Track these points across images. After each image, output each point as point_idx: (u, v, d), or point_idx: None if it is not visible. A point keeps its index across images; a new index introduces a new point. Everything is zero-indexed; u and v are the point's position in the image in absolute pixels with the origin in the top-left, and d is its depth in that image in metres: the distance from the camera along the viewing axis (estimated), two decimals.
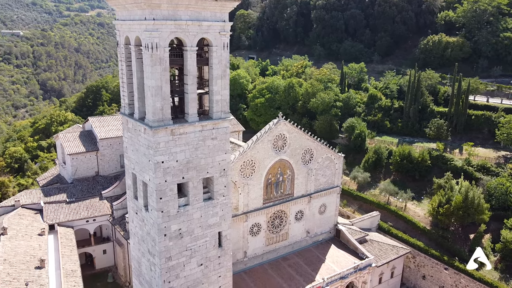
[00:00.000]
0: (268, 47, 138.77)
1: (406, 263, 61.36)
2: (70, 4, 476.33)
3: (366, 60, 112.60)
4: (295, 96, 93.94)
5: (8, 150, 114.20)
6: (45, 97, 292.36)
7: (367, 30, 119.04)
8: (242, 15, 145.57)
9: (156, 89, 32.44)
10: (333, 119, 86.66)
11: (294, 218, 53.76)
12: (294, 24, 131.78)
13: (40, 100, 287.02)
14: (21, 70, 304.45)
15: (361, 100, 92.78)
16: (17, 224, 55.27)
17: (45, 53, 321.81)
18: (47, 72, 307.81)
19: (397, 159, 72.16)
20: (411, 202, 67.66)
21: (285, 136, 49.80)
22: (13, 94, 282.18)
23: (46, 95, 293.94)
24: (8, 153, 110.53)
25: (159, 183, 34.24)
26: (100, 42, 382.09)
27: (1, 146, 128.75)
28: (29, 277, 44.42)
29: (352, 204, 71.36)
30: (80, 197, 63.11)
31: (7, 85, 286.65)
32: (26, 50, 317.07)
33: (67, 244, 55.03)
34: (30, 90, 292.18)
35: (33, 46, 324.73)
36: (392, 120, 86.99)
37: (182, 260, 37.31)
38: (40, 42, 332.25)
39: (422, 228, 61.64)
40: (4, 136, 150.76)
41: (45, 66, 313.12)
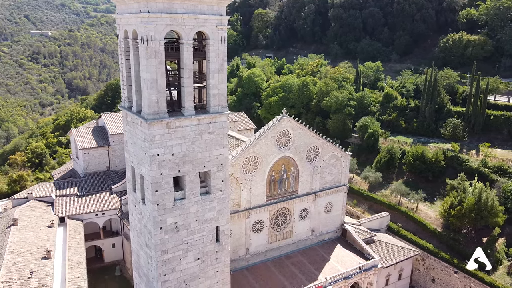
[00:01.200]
0: (285, 46, 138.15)
1: (416, 265, 59.77)
2: (97, 6, 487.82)
3: (384, 59, 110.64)
4: (309, 95, 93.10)
5: (29, 145, 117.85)
6: (71, 95, 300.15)
7: (385, 29, 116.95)
8: (260, 14, 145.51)
9: (151, 82, 32.61)
10: (347, 118, 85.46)
11: (299, 216, 53.17)
12: (311, 23, 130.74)
13: (66, 99, 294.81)
14: (48, 69, 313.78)
15: (376, 100, 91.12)
16: (28, 216, 56.72)
17: (71, 52, 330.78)
18: (73, 72, 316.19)
19: (410, 159, 70.48)
20: (423, 204, 65.90)
21: (289, 132, 49.31)
22: (41, 93, 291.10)
23: (71, 93, 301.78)
24: (30, 148, 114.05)
25: (155, 176, 34.40)
26: None
27: (24, 141, 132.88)
28: (35, 267, 45.43)
29: (362, 204, 70.08)
30: (90, 191, 64.29)
31: (35, 84, 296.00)
32: (53, 50, 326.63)
33: (75, 236, 56.11)
34: (56, 88, 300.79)
35: (60, 46, 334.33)
36: (407, 120, 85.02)
37: (178, 254, 37.35)
38: (67, 42, 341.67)
39: (432, 230, 59.93)
40: (28, 132, 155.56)
41: (71, 65, 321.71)
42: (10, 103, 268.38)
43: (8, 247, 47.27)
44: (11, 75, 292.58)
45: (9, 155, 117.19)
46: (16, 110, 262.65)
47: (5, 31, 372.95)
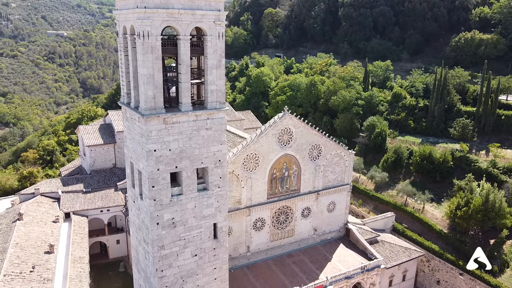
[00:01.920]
0: (295, 45, 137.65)
1: (421, 266, 58.82)
2: (112, 6, 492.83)
3: (394, 59, 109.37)
4: (317, 94, 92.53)
5: (41, 143, 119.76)
6: (85, 94, 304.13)
7: (396, 28, 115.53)
8: (270, 14, 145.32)
9: (148, 77, 32.73)
10: (354, 118, 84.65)
11: (301, 214, 52.78)
12: (321, 22, 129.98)
13: (80, 98, 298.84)
14: (63, 69, 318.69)
15: (384, 99, 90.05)
16: (34, 211, 57.49)
17: (86, 52, 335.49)
18: (88, 71, 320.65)
19: (417, 159, 69.41)
20: (429, 204, 64.83)
21: (291, 130, 48.98)
22: (56, 92, 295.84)
23: (85, 93, 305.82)
24: (42, 146, 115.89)
25: (151, 171, 34.51)
26: None
27: (37, 139, 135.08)
28: (37, 261, 45.98)
29: (367, 204, 69.27)
30: (96, 188, 64.91)
31: (50, 83, 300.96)
32: (68, 50, 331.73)
33: (79, 232, 56.67)
34: (71, 88, 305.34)
35: (76, 46, 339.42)
36: (416, 120, 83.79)
37: (175, 250, 37.40)
38: (82, 42, 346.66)
39: (438, 231, 58.89)
40: (41, 130, 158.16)
41: (86, 65, 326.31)
42: (26, 102, 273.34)
43: (12, 241, 47.95)
44: (27, 75, 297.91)
45: (22, 152, 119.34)
46: (31, 109, 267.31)
47: (23, 31, 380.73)
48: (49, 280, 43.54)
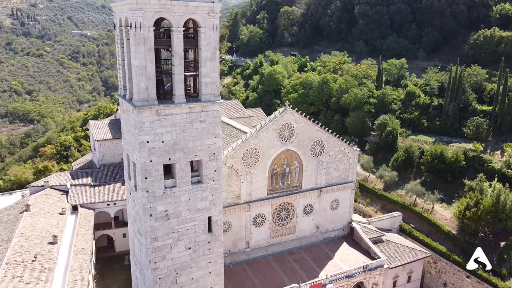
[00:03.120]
0: (311, 44, 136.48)
1: (427, 268, 57.23)
2: None
3: (410, 57, 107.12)
4: (329, 92, 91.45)
5: (59, 138, 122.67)
6: (107, 93, 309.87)
7: (413, 25, 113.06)
8: (286, 12, 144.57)
9: (140, 69, 32.83)
10: (366, 116, 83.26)
11: (303, 211, 52.10)
12: (337, 20, 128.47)
13: (102, 96, 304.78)
14: (86, 68, 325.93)
15: (398, 97, 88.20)
16: (42, 203, 58.73)
17: (108, 52, 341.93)
18: (110, 70, 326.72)
19: (428, 158, 67.62)
20: (439, 205, 63.06)
21: (292, 126, 48.44)
22: (78, 90, 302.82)
23: (107, 91, 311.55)
24: (59, 141, 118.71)
25: (144, 163, 34.62)
26: None
27: (56, 135, 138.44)
28: (40, 251, 46.88)
29: (375, 203, 67.92)
30: (104, 182, 65.81)
31: (73, 82, 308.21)
32: (92, 49, 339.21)
33: (84, 224, 57.57)
34: (93, 86, 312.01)
35: (99, 45, 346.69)
36: (430, 119, 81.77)
37: (168, 242, 37.40)
38: (105, 42, 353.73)
39: (446, 232, 57.19)
40: (60, 126, 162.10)
41: (108, 64, 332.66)
42: (50, 100, 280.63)
43: (17, 231, 49.05)
44: (52, 73, 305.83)
45: (41, 148, 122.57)
46: (55, 107, 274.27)
47: (49, 31, 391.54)
48: (50, 270, 44.31)
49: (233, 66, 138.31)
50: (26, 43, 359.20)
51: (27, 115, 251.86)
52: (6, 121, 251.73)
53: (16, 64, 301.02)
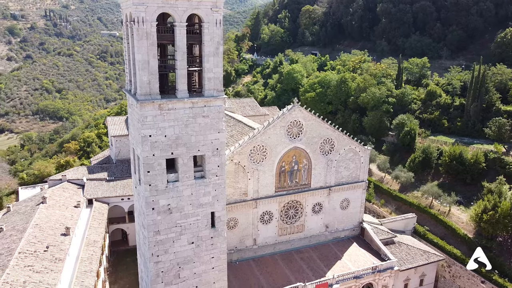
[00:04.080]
0: (332, 43, 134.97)
1: (441, 272, 55.47)
2: None
3: (434, 56, 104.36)
4: (347, 91, 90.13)
5: (83, 135, 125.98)
6: None
7: (437, 24, 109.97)
8: (308, 11, 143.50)
9: (143, 63, 33.23)
10: (384, 116, 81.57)
11: (311, 210, 51.53)
12: (359, 19, 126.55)
13: None
14: (114, 67, 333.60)
15: (418, 97, 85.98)
16: (59, 196, 60.40)
17: None
18: None
19: (446, 159, 65.56)
20: (456, 207, 61.03)
21: (300, 123, 47.93)
22: (106, 89, 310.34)
23: None
24: (82, 138, 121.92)
25: (146, 157, 35.02)
26: None
27: (80, 131, 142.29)
28: (53, 242, 48.16)
29: (390, 204, 66.40)
30: (119, 177, 67.08)
31: (101, 80, 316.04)
32: (120, 49, 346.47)
33: (98, 217, 58.85)
34: (120, 85, 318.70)
35: None
36: (451, 119, 79.29)
37: (171, 236, 37.69)
38: None
39: (462, 236, 55.25)
40: (85, 123, 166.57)
41: None
42: (79, 98, 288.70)
43: (32, 222, 50.58)
44: (81, 72, 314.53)
45: (66, 144, 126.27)
46: (83, 105, 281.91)
47: (80, 32, 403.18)
48: (61, 260, 45.42)
49: (254, 65, 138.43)
50: (57, 43, 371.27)
51: (56, 112, 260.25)
52: (37, 118, 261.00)
53: (48, 63, 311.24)
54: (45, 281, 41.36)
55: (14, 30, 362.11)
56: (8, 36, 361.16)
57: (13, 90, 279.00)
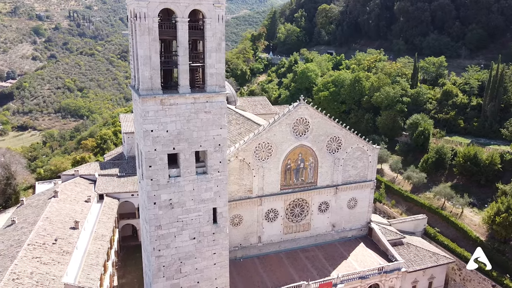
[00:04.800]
0: (348, 42, 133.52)
1: (451, 275, 54.15)
2: None
3: (452, 55, 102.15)
4: (361, 91, 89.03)
5: (100, 132, 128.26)
6: None
7: (456, 22, 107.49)
8: (324, 10, 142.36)
9: (145, 58, 33.54)
10: (398, 115, 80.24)
11: (318, 209, 51.00)
12: (376, 17, 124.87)
13: None
14: None
15: (433, 97, 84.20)
16: (70, 190, 61.62)
17: None
18: None
19: (460, 160, 63.97)
20: (469, 209, 59.49)
21: (307, 120, 47.53)
22: (126, 88, 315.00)
23: None
24: (99, 135, 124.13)
25: (148, 151, 35.33)
26: None
27: (98, 129, 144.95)
28: (62, 235, 49.20)
29: (401, 205, 65.15)
30: (130, 173, 67.93)
31: (121, 80, 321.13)
32: None
33: (107, 212, 59.77)
34: None
35: None
36: (467, 119, 77.43)
37: (172, 231, 37.89)
38: None
39: (474, 238, 53.80)
40: (103, 121, 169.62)
41: None
42: (99, 97, 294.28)
43: (43, 215, 51.73)
44: (102, 71, 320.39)
45: (83, 140, 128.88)
46: (103, 103, 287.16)
47: (102, 32, 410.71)
48: (68, 253, 46.35)
49: (269, 64, 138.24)
50: (80, 43, 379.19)
51: (77, 110, 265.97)
52: (59, 116, 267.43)
53: (70, 62, 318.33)
54: (51, 273, 42.26)
55: (39, 30, 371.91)
56: (34, 36, 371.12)
57: (36, 89, 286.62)
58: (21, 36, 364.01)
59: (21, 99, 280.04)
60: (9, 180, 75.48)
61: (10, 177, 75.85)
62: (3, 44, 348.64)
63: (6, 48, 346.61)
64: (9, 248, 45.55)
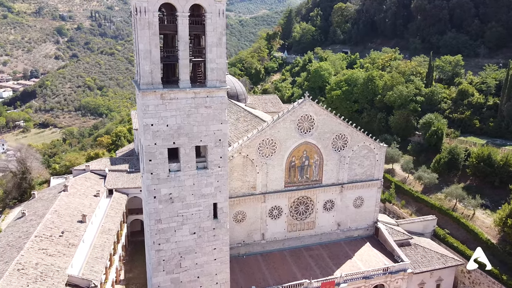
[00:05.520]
0: (364, 41, 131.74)
1: (461, 278, 52.74)
2: None
3: (470, 54, 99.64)
4: (374, 90, 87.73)
5: (115, 129, 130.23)
6: None
7: (475, 20, 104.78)
8: (340, 8, 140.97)
9: (145, 53, 33.76)
10: (411, 115, 78.71)
11: (323, 207, 50.41)
12: (393, 16, 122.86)
13: None
14: None
15: (448, 96, 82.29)
16: (80, 185, 62.63)
17: None
18: None
19: (473, 161, 62.29)
20: (482, 211, 57.86)
21: (312, 117, 47.04)
22: None
23: None
24: (115, 132, 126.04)
25: (148, 145, 35.56)
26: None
27: (114, 126, 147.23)
28: (69, 228, 50.02)
29: (411, 205, 63.88)
30: (139, 169, 68.29)
31: None
32: None
33: (116, 207, 60.52)
34: None
35: None
36: (483, 119, 75.37)
37: (173, 225, 38.03)
38: None
39: (485, 241, 52.26)
40: (120, 119, 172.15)
41: None
42: (118, 95, 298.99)
43: (52, 208, 52.75)
44: (121, 70, 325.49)
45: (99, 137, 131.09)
46: (122, 102, 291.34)
47: (122, 32, 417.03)
48: (74, 246, 47.09)
49: (283, 63, 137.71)
50: (101, 43, 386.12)
51: (97, 109, 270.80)
52: (79, 114, 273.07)
53: (91, 61, 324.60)
54: (56, 264, 43.00)
55: (62, 30, 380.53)
56: (57, 36, 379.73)
57: (58, 87, 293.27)
58: (45, 36, 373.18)
59: (43, 97, 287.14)
60: (24, 174, 77.22)
61: (25, 172, 77.61)
62: (27, 44, 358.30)
63: (30, 48, 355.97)
64: (17, 240, 46.60)
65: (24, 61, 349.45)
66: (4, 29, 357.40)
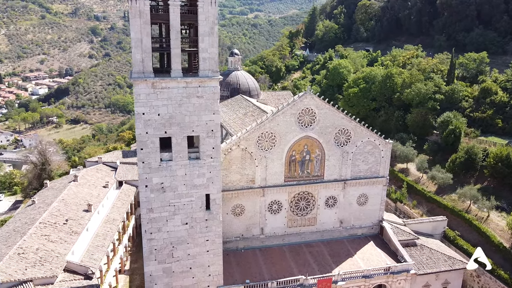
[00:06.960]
0: (388, 39, 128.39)
1: (470, 282, 50.27)
2: (232, 8, 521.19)
3: (498, 52, 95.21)
4: (393, 87, 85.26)
5: None
6: None
7: (504, 16, 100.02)
8: (364, 6, 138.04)
9: (136, 41, 34.00)
10: (429, 113, 75.91)
11: (324, 203, 49.32)
12: (418, 12, 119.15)
13: None
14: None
15: (470, 94, 78.86)
16: (91, 176, 63.95)
17: None
18: None
19: (491, 161, 59.37)
20: (497, 214, 55.03)
21: (313, 111, 46.08)
22: None
23: None
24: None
25: (140, 134, 35.88)
26: (251, 42, 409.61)
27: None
28: (74, 216, 51.06)
29: (422, 206, 61.48)
30: None
31: None
32: None
33: (123, 198, 61.42)
34: None
35: None
36: (506, 119, 71.71)
37: (164, 215, 38.17)
38: None
39: (497, 244, 49.61)
40: None
41: None
42: None
43: (60, 197, 54.06)
44: None
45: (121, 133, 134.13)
46: None
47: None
48: (77, 233, 47.99)
49: (305, 61, 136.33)
50: None
51: (126, 106, 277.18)
52: (108, 111, 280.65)
53: (122, 60, 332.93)
54: (56, 250, 43.91)
55: (96, 30, 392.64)
56: (91, 36, 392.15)
57: (90, 85, 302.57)
58: (80, 36, 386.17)
59: (75, 94, 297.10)
60: (44, 165, 79.84)
61: (45, 163, 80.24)
62: (63, 43, 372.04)
63: (66, 47, 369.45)
64: (23, 226, 48.03)
65: (60, 59, 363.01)
66: (42, 29, 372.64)
